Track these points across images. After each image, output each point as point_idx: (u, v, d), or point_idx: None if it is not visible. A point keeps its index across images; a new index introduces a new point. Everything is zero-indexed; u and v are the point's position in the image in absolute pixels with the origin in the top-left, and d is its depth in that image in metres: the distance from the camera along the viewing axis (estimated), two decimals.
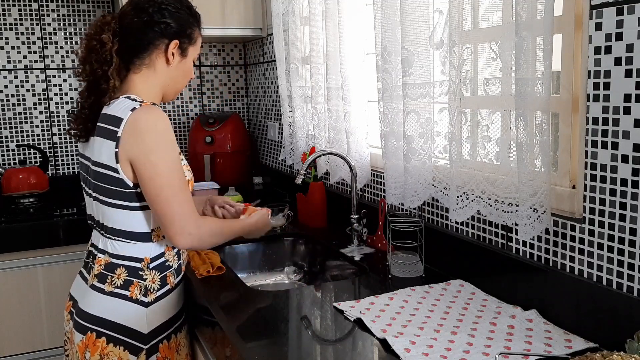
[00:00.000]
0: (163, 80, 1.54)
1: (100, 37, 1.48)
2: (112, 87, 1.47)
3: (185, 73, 1.58)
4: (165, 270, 1.53)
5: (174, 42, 1.51)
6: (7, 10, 2.88)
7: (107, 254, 1.49)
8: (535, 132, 1.20)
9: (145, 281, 1.49)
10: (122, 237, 1.48)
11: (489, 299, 1.40)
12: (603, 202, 1.14)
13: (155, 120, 1.41)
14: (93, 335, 1.46)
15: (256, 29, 2.78)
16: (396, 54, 1.57)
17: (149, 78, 1.52)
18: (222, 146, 2.92)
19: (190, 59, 1.58)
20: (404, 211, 1.80)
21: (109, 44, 1.48)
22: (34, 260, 2.46)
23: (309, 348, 1.22)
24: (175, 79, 1.56)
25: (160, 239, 1.51)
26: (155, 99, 1.54)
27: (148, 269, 1.49)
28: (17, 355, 2.48)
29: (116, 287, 1.47)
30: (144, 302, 1.48)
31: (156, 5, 1.50)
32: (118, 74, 1.49)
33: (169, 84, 1.56)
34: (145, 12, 1.49)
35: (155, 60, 1.51)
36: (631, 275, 1.10)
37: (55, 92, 3.00)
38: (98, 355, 1.46)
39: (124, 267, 1.48)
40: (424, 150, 1.54)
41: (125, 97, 1.45)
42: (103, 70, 1.48)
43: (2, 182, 2.76)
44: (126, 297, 1.47)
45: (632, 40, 1.05)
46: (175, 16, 1.51)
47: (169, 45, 1.51)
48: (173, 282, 1.55)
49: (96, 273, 1.49)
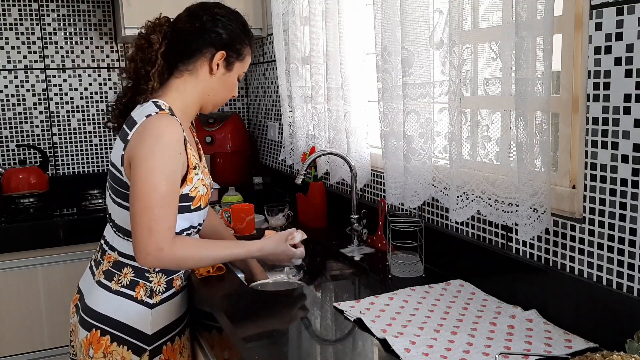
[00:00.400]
0: (203, 89, 1.52)
1: (150, 37, 1.49)
2: (151, 87, 1.48)
3: (228, 87, 1.56)
4: (173, 273, 1.53)
5: (221, 53, 1.49)
6: (7, 10, 2.88)
7: (117, 252, 1.50)
8: (535, 132, 1.20)
9: (151, 283, 1.49)
10: (129, 237, 1.48)
11: (489, 299, 1.40)
12: (603, 202, 1.14)
13: (162, 129, 1.38)
14: (97, 332, 1.47)
15: (256, 29, 2.78)
16: (396, 53, 1.57)
17: (189, 85, 1.51)
18: (222, 146, 2.92)
19: (235, 74, 1.55)
20: (404, 211, 1.80)
21: (157, 45, 1.49)
22: (34, 260, 2.46)
23: (309, 348, 1.22)
24: (216, 91, 1.54)
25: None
26: (191, 107, 1.53)
27: (154, 271, 1.49)
28: (17, 355, 2.48)
29: (122, 286, 1.47)
30: (149, 303, 1.48)
31: (210, 15, 1.50)
32: (160, 75, 1.49)
33: (209, 94, 1.54)
34: (198, 19, 1.49)
35: (200, 68, 1.50)
36: (631, 275, 1.10)
37: (55, 92, 3.00)
38: (102, 353, 1.46)
39: (131, 267, 1.48)
40: (424, 150, 1.54)
41: (153, 102, 1.45)
42: (146, 70, 1.48)
43: (2, 182, 2.76)
44: (131, 297, 1.47)
45: (632, 40, 1.05)
46: (228, 28, 1.50)
47: (215, 55, 1.49)
48: (179, 286, 1.55)
49: (104, 269, 1.50)
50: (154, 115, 1.40)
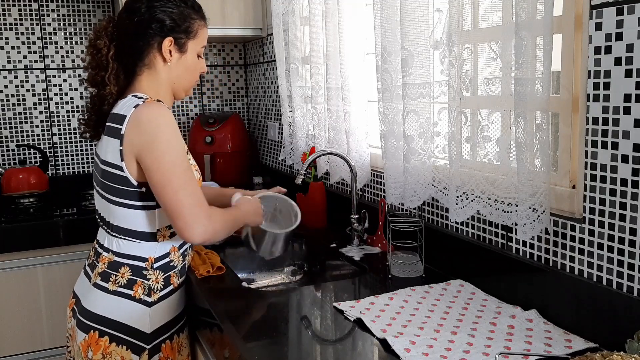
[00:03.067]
0: (166, 79, 1.51)
1: (96, 43, 1.48)
2: (109, 92, 1.46)
3: (190, 69, 1.53)
4: (170, 270, 1.53)
5: (168, 40, 1.47)
6: (7, 10, 2.88)
7: (112, 252, 1.49)
8: (535, 132, 1.20)
9: (149, 281, 1.49)
10: (127, 236, 1.48)
11: (489, 299, 1.40)
12: (603, 202, 1.14)
13: (157, 114, 1.39)
14: (96, 334, 1.46)
15: (256, 29, 2.78)
16: (396, 54, 1.57)
17: (152, 79, 1.50)
18: (222, 146, 2.92)
19: (192, 53, 1.52)
20: (404, 211, 1.80)
21: (105, 50, 1.47)
22: (34, 260, 2.46)
23: (309, 348, 1.22)
24: (179, 77, 1.52)
25: (165, 239, 1.51)
26: (164, 97, 1.51)
27: (152, 268, 1.49)
28: (17, 355, 2.48)
29: (120, 286, 1.47)
30: (147, 301, 1.48)
31: (146, 4, 1.46)
32: (116, 79, 1.48)
33: (175, 82, 1.52)
34: (136, 12, 1.46)
35: (154, 60, 1.49)
36: (631, 275, 1.10)
37: (55, 92, 3.00)
38: (101, 354, 1.46)
39: (128, 266, 1.48)
40: (424, 150, 1.54)
41: (132, 96, 1.45)
42: (101, 77, 1.47)
43: (2, 182, 2.76)
44: (129, 297, 1.47)
45: (632, 40, 1.05)
46: (167, 12, 1.47)
47: (162, 44, 1.47)
48: (177, 283, 1.55)
49: (100, 271, 1.49)
50: (142, 105, 1.40)
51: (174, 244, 1.53)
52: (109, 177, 1.46)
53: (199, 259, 1.72)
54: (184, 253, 1.58)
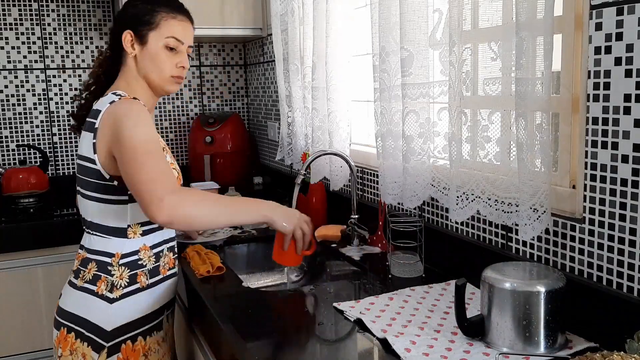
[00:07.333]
0: (136, 72, 1.53)
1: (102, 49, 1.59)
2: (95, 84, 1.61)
3: (155, 61, 1.51)
4: (137, 268, 1.49)
5: (126, 33, 1.50)
6: (7, 10, 2.88)
7: (84, 249, 1.50)
8: (535, 132, 1.20)
9: (113, 277, 1.46)
10: (97, 232, 1.48)
11: None
12: (603, 202, 1.14)
13: (130, 109, 1.40)
14: (64, 330, 1.46)
15: (256, 29, 2.78)
16: (394, 54, 1.57)
17: (126, 75, 1.54)
18: (222, 146, 2.92)
19: (155, 44, 1.50)
20: (404, 211, 1.80)
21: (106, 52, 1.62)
22: (34, 260, 2.46)
23: (309, 348, 1.22)
24: (147, 69, 1.52)
25: (136, 236, 1.49)
26: (142, 95, 1.52)
27: (117, 264, 1.47)
28: (17, 355, 2.48)
29: (86, 282, 1.47)
30: (109, 297, 1.45)
31: (124, 4, 1.56)
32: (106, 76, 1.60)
33: (145, 75, 1.53)
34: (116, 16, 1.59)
35: (123, 55, 1.54)
36: (631, 275, 1.10)
37: (55, 92, 3.00)
38: (68, 351, 1.45)
39: (95, 262, 1.47)
40: (424, 151, 1.54)
41: (112, 93, 1.47)
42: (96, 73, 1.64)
43: (2, 182, 2.76)
44: (93, 292, 1.45)
45: (632, 40, 1.05)
46: (131, 6, 1.53)
47: (122, 38, 1.51)
48: (145, 282, 1.50)
49: (74, 269, 1.51)
50: (117, 101, 1.43)
51: (145, 242, 1.50)
52: (83, 170, 1.47)
53: (199, 259, 1.72)
54: (159, 254, 1.53)
